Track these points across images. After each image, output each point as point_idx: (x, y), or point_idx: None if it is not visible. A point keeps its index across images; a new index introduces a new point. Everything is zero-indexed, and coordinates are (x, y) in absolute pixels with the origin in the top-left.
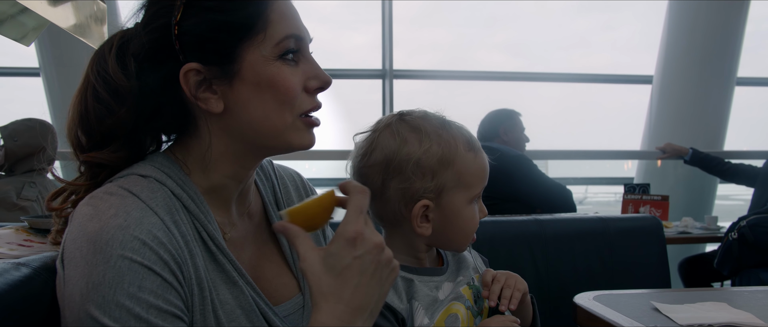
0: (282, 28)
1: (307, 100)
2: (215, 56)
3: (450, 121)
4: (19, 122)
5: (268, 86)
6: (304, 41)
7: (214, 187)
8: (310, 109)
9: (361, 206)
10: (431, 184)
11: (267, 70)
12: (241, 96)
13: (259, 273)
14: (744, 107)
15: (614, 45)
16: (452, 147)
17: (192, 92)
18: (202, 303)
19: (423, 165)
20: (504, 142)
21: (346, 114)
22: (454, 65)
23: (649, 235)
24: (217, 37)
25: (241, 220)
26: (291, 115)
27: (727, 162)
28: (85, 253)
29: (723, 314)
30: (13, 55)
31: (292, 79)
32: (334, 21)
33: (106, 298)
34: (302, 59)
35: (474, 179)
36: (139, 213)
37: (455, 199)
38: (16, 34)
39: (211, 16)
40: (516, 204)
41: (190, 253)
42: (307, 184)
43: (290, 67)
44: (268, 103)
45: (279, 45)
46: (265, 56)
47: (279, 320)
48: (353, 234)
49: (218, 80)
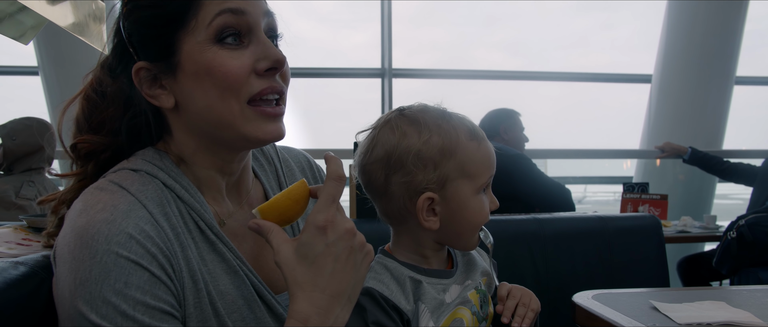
0: (213, 7)
1: (257, 83)
2: (156, 51)
3: (451, 113)
4: (18, 121)
5: (206, 74)
6: (249, 17)
7: (202, 178)
8: (259, 92)
9: (333, 194)
10: (434, 176)
11: (203, 57)
12: (185, 88)
13: (261, 262)
14: (743, 106)
15: (613, 44)
16: (453, 136)
17: (145, 90)
18: (196, 296)
19: (424, 156)
20: (504, 141)
21: (345, 113)
22: (453, 64)
23: (647, 234)
24: (153, 31)
25: (240, 210)
26: (237, 103)
27: (726, 161)
28: (72, 248)
29: (721, 313)
30: (11, 54)
31: (231, 62)
32: (333, 20)
33: (93, 295)
34: (251, 40)
35: (479, 168)
36: (127, 206)
37: (461, 190)
38: (15, 32)
39: (145, 12)
40: (515, 203)
41: (181, 246)
42: (315, 166)
43: (230, 50)
44: (210, 91)
45: (211, 26)
46: (200, 42)
47: (282, 308)
48: (324, 222)
49: (164, 75)
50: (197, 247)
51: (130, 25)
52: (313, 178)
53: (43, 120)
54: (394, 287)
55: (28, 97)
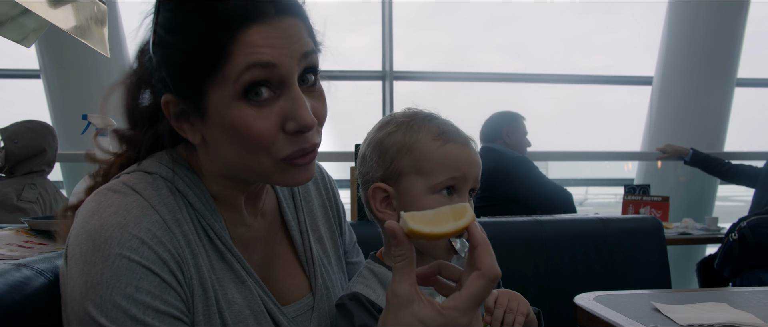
0: (242, 60)
1: (287, 144)
2: (186, 92)
3: (433, 115)
4: (20, 124)
5: (232, 131)
6: (281, 69)
7: (217, 190)
8: (291, 154)
9: (482, 296)
10: (391, 169)
11: (230, 113)
12: (214, 135)
13: (270, 273)
14: (744, 108)
15: (614, 46)
16: (415, 133)
17: (173, 121)
18: (205, 303)
19: (382, 148)
20: (506, 144)
21: (346, 115)
22: (454, 66)
23: (649, 236)
24: (181, 75)
25: (253, 220)
26: (269, 159)
27: (728, 163)
28: (84, 251)
29: (723, 314)
30: (13, 57)
31: (258, 123)
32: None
33: (103, 298)
34: (282, 92)
35: (435, 167)
36: (140, 211)
37: (412, 186)
38: (17, 35)
39: (174, 53)
40: (516, 205)
41: (192, 253)
42: (326, 176)
43: (256, 108)
44: (239, 147)
45: (239, 81)
46: (226, 96)
47: (287, 321)
48: (457, 325)
49: (193, 114)
50: (207, 255)
51: (159, 60)
52: (323, 188)
53: (45, 123)
54: (380, 291)
55: (30, 100)
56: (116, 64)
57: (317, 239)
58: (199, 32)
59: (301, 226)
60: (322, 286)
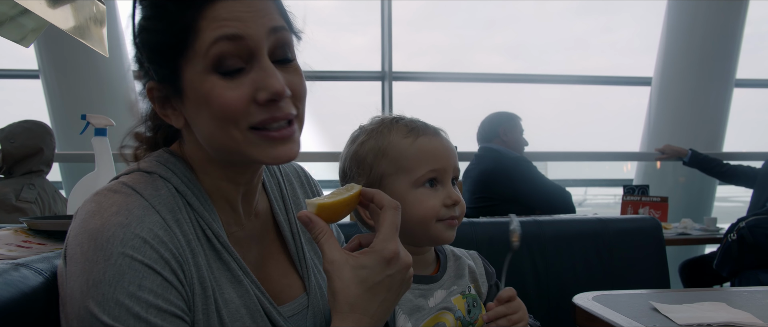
0: (210, 34)
1: (257, 113)
2: (163, 75)
3: (400, 117)
4: (17, 124)
5: (205, 104)
6: (248, 41)
7: (213, 187)
8: (260, 122)
9: (396, 223)
10: (372, 176)
11: (202, 87)
12: (191, 114)
13: (265, 273)
14: (743, 109)
15: (613, 47)
16: (384, 137)
17: (158, 109)
18: (204, 302)
19: (359, 159)
20: (503, 144)
21: (346, 116)
22: (453, 67)
23: (648, 236)
24: (157, 56)
25: (248, 220)
26: (238, 131)
27: (726, 163)
28: (86, 250)
29: (722, 314)
30: (12, 57)
31: (228, 94)
32: (332, 23)
33: (106, 296)
34: (253, 65)
35: (413, 162)
36: (141, 211)
37: (396, 185)
38: (16, 35)
39: (148, 35)
40: (515, 205)
41: (192, 252)
42: (311, 179)
43: (226, 79)
44: (210, 120)
45: (208, 55)
46: (199, 71)
47: (283, 320)
48: (391, 254)
49: (173, 97)
50: (205, 255)
51: (140, 45)
52: (310, 190)
53: (42, 122)
54: None
55: (29, 100)
56: (115, 65)
57: (308, 240)
58: (169, 13)
59: (292, 227)
60: (316, 285)
